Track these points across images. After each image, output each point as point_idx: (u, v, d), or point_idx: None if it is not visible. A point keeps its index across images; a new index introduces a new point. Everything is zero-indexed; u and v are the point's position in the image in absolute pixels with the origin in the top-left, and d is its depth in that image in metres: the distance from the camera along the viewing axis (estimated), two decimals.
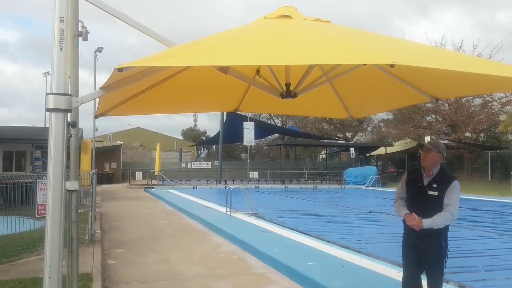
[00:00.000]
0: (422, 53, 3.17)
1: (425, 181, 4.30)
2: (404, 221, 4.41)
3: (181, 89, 4.62)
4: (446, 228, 4.25)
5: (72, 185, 4.88)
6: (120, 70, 2.44)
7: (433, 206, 4.18)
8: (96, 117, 4.51)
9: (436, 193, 4.19)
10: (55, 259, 3.02)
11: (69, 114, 3.12)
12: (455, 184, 4.19)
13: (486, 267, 7.95)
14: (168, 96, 4.66)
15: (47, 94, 2.97)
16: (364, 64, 3.96)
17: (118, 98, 4.35)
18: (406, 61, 2.70)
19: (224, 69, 3.64)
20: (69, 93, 3.08)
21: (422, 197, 4.28)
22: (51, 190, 2.95)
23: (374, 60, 2.77)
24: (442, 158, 4.30)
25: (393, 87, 4.58)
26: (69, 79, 3.42)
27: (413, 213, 4.22)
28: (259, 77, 4.40)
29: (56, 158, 3.03)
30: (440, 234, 4.22)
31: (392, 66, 2.49)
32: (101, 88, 3.26)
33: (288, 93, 4.01)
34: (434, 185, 4.23)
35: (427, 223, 4.12)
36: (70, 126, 3.89)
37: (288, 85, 4.02)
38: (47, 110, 2.96)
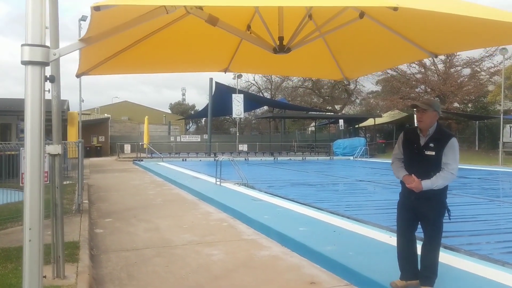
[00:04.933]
0: None
1: (422, 141, 4.14)
2: (402, 182, 4.26)
3: (167, 46, 4.39)
4: (445, 188, 4.10)
5: (55, 149, 4.65)
6: (97, 8, 2.23)
7: (431, 166, 4.03)
8: (77, 76, 4.27)
9: (433, 153, 4.03)
10: (35, 220, 2.87)
11: (46, 67, 2.91)
12: (453, 141, 4.03)
13: (477, 231, 7.98)
14: (153, 54, 4.43)
15: (22, 45, 2.73)
16: (362, 17, 3.77)
17: (100, 56, 4.11)
18: (411, 4, 2.49)
19: (213, 21, 3.42)
20: (47, 44, 2.85)
21: (419, 158, 4.12)
22: (29, 147, 2.77)
23: (376, 2, 2.55)
24: (438, 115, 4.13)
25: (390, 44, 4.36)
26: (46, 30, 3.18)
27: (413, 175, 4.05)
28: (250, 33, 4.18)
29: (33, 114, 2.84)
30: (440, 195, 4.08)
31: (395, 9, 2.29)
32: (80, 39, 3.04)
33: (281, 48, 3.82)
34: (431, 145, 4.06)
35: (427, 184, 3.97)
36: (48, 81, 3.65)
37: (281, 38, 3.81)
38: (22, 63, 2.74)
